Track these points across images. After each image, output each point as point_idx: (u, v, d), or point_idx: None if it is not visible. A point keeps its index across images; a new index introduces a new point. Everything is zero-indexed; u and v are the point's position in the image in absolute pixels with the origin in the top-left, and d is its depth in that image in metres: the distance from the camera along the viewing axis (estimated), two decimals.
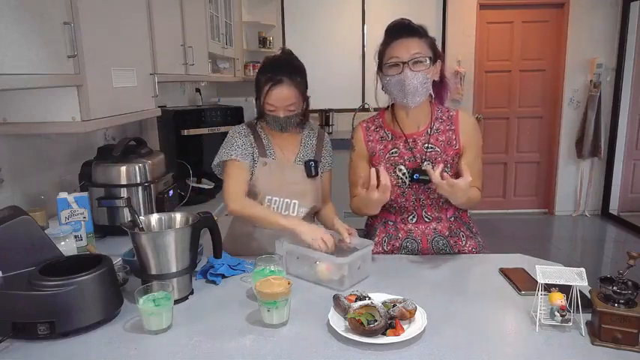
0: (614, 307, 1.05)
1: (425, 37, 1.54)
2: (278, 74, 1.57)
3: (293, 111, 1.61)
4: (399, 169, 1.61)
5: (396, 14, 1.73)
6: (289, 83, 1.57)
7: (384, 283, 1.40)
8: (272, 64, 1.63)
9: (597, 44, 4.94)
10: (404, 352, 1.04)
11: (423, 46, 1.51)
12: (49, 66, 1.41)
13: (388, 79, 1.53)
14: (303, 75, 1.63)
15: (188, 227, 1.30)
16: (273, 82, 1.56)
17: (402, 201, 1.63)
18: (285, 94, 1.57)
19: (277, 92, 1.57)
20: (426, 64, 1.50)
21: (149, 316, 1.12)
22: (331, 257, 1.38)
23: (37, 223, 1.23)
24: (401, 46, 1.50)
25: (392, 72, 1.52)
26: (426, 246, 1.64)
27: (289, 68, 1.59)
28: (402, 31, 1.53)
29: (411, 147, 1.62)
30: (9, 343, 1.08)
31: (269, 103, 1.59)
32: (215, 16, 3.54)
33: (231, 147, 1.67)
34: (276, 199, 1.67)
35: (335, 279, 1.37)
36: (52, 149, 1.98)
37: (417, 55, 1.49)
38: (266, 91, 1.58)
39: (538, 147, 5.33)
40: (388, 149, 1.64)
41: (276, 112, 1.60)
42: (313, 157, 1.74)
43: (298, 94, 1.60)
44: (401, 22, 1.56)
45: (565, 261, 1.64)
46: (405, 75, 1.48)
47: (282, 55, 1.67)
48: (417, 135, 1.62)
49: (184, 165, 2.49)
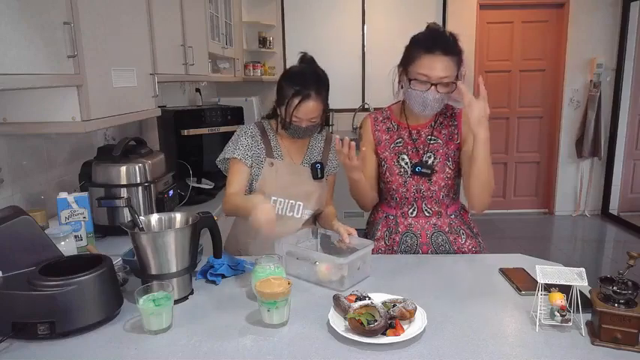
0: (614, 307, 1.05)
1: (456, 54, 1.52)
2: (307, 88, 1.56)
3: (315, 121, 1.62)
4: (402, 158, 1.66)
5: (396, 14, 1.74)
6: (316, 97, 1.57)
7: (384, 283, 1.41)
8: (300, 75, 1.61)
9: (597, 44, 4.94)
10: (404, 352, 1.04)
11: (452, 66, 1.51)
12: (49, 66, 1.41)
13: (411, 92, 1.55)
14: (327, 86, 1.64)
15: (188, 227, 1.30)
16: (302, 97, 1.56)
17: (404, 191, 1.66)
18: (312, 108, 1.58)
19: (305, 106, 1.57)
20: (451, 87, 1.52)
21: (149, 316, 1.11)
22: (331, 258, 1.39)
23: (37, 223, 1.23)
24: (433, 64, 1.49)
25: (417, 86, 1.53)
26: (425, 241, 1.65)
27: (317, 82, 1.59)
28: (437, 45, 1.50)
29: (415, 138, 1.66)
30: (9, 343, 1.08)
31: (296, 116, 1.59)
32: (215, 16, 3.54)
33: (235, 146, 1.68)
34: (281, 200, 1.68)
35: (335, 279, 1.37)
36: (52, 149, 1.98)
37: (446, 79, 1.50)
38: (295, 105, 1.57)
39: (538, 147, 5.33)
40: (393, 139, 1.69)
41: (300, 123, 1.61)
42: (320, 159, 1.75)
43: (322, 106, 1.61)
44: (437, 35, 1.54)
45: (565, 261, 1.65)
46: (429, 94, 1.51)
47: (308, 67, 1.65)
48: (421, 127, 1.67)
49: (184, 165, 2.49)
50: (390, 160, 1.67)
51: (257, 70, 4.72)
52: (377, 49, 4.81)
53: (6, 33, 1.24)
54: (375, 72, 4.83)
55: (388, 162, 1.67)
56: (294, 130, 1.64)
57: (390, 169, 1.67)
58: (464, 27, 4.94)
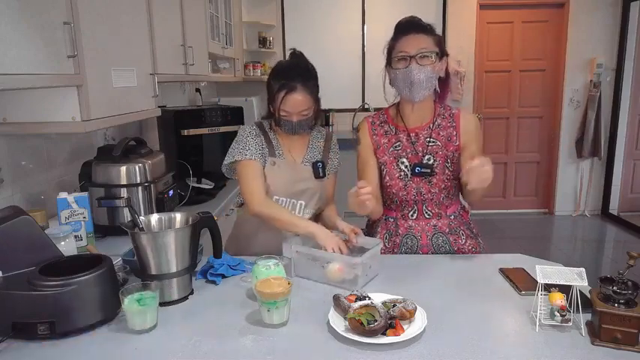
0: (614, 307, 1.05)
1: (432, 34, 1.58)
2: (292, 81, 1.55)
3: (306, 115, 1.61)
4: (402, 161, 1.65)
5: (396, 14, 1.74)
6: (303, 89, 1.56)
7: (384, 283, 1.41)
8: (285, 69, 1.61)
9: (597, 44, 4.94)
10: (404, 352, 1.04)
11: (430, 42, 1.55)
12: (49, 66, 1.41)
13: (395, 73, 1.56)
14: (315, 79, 1.63)
15: (188, 227, 1.30)
16: (287, 90, 1.55)
17: (404, 194, 1.65)
18: (300, 101, 1.57)
19: (292, 99, 1.56)
20: (432, 59, 1.54)
21: (133, 315, 1.12)
22: (345, 257, 1.39)
23: (37, 223, 1.23)
24: (409, 41, 1.54)
25: (399, 65, 1.55)
26: (426, 242, 1.65)
27: (303, 73, 1.59)
28: (410, 27, 1.57)
29: (414, 141, 1.65)
30: (9, 343, 1.08)
31: (284, 110, 1.59)
32: (215, 16, 3.54)
33: (245, 147, 1.65)
34: (283, 200, 1.68)
35: (348, 279, 1.37)
36: (52, 149, 1.98)
37: (424, 49, 1.53)
38: (281, 99, 1.57)
39: (538, 147, 5.33)
40: (392, 143, 1.67)
41: (289, 117, 1.60)
42: (320, 158, 1.74)
43: (311, 99, 1.60)
44: (410, 19, 1.60)
45: (565, 261, 1.65)
46: (411, 68, 1.52)
47: (294, 60, 1.66)
48: (419, 129, 1.66)
49: (184, 165, 2.49)
50: (390, 164, 1.66)
51: (257, 70, 4.72)
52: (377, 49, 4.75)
53: (6, 33, 1.24)
54: (375, 72, 4.75)
55: (388, 166, 1.66)
56: (287, 126, 1.62)
57: (389, 172, 1.66)
58: (464, 27, 4.94)
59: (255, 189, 1.63)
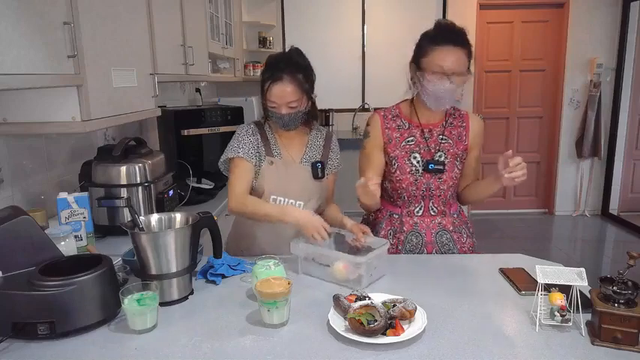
0: (614, 307, 1.05)
1: (468, 47, 1.58)
2: (278, 71, 1.57)
3: (295, 108, 1.60)
4: (414, 156, 1.66)
5: (396, 15, 1.74)
6: (290, 80, 1.56)
7: (384, 283, 1.41)
8: (273, 61, 1.63)
9: (597, 44, 4.94)
10: (404, 352, 1.04)
11: (464, 58, 1.55)
12: (49, 66, 1.41)
13: (425, 83, 1.56)
14: (306, 72, 1.62)
15: (188, 227, 1.30)
16: (273, 79, 1.57)
17: (413, 189, 1.66)
18: (286, 91, 1.57)
19: (277, 89, 1.57)
20: (464, 77, 1.55)
21: (133, 316, 1.12)
22: (349, 257, 1.39)
23: (37, 223, 1.22)
24: (447, 55, 1.53)
25: (432, 78, 1.54)
26: (430, 240, 1.66)
27: (290, 65, 1.59)
28: (451, 37, 1.55)
29: (427, 137, 1.67)
30: (9, 343, 1.08)
31: (270, 100, 1.59)
32: (215, 16, 3.54)
33: (238, 145, 1.66)
34: (281, 200, 1.67)
35: (352, 278, 1.37)
36: (52, 149, 1.98)
37: (458, 69, 1.53)
38: (266, 88, 1.58)
39: (538, 147, 5.33)
40: (404, 137, 1.68)
41: (278, 109, 1.60)
42: (320, 158, 1.74)
43: (300, 91, 1.59)
44: (451, 28, 1.59)
45: (565, 261, 1.65)
46: (444, 86, 1.53)
47: (285, 53, 1.67)
48: (432, 126, 1.68)
49: (184, 165, 2.49)
50: (401, 158, 1.66)
51: (257, 70, 4.71)
52: (377, 49, 4.79)
53: (6, 33, 1.24)
54: (375, 72, 4.80)
55: (399, 160, 1.66)
56: (277, 118, 1.62)
57: (400, 167, 1.66)
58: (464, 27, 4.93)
59: (236, 188, 1.63)
